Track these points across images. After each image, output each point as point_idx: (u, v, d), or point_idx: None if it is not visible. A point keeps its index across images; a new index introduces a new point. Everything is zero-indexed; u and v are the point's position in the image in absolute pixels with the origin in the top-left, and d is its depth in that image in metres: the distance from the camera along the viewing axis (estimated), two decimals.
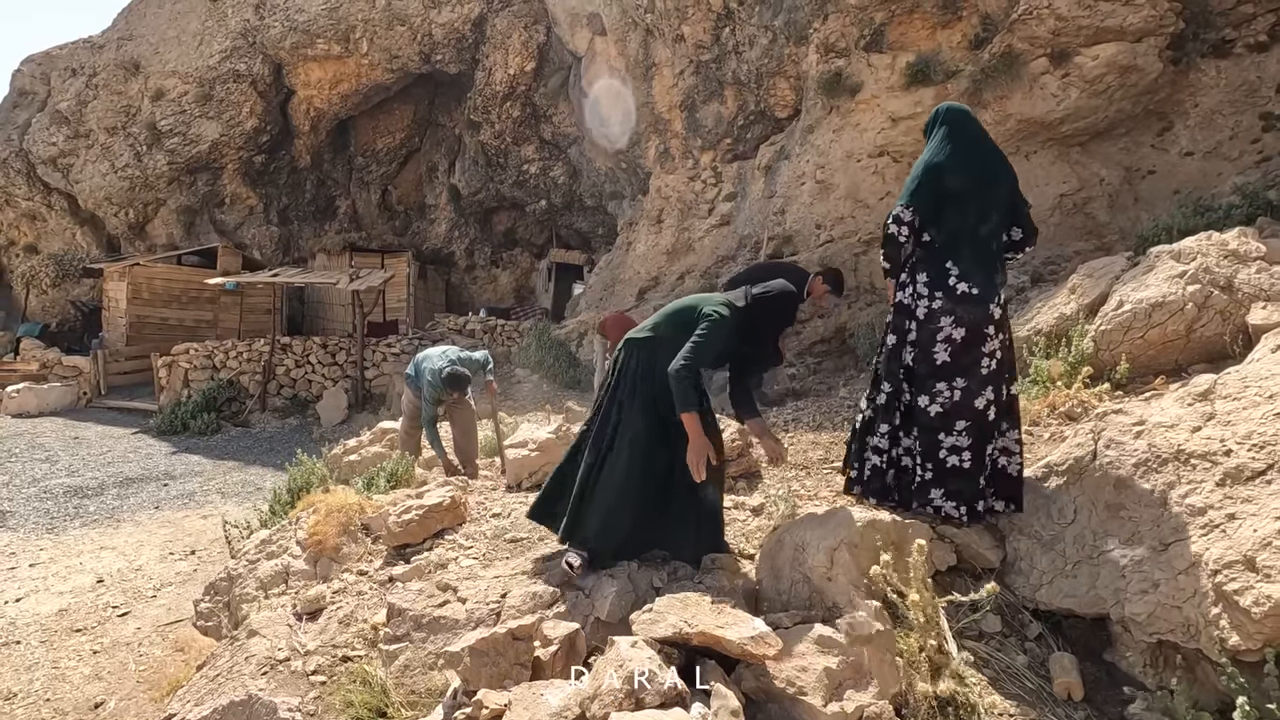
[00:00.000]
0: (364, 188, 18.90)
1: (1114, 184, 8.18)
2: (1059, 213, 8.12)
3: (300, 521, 3.78)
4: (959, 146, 2.71)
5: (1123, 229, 7.85)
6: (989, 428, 2.69)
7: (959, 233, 2.68)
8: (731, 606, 2.38)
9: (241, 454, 9.08)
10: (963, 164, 2.68)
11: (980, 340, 2.67)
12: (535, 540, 3.44)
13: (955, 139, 2.74)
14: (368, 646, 2.91)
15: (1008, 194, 2.74)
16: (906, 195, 2.76)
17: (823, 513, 2.76)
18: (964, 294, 2.66)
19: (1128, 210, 8.08)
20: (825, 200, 9.14)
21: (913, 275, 2.79)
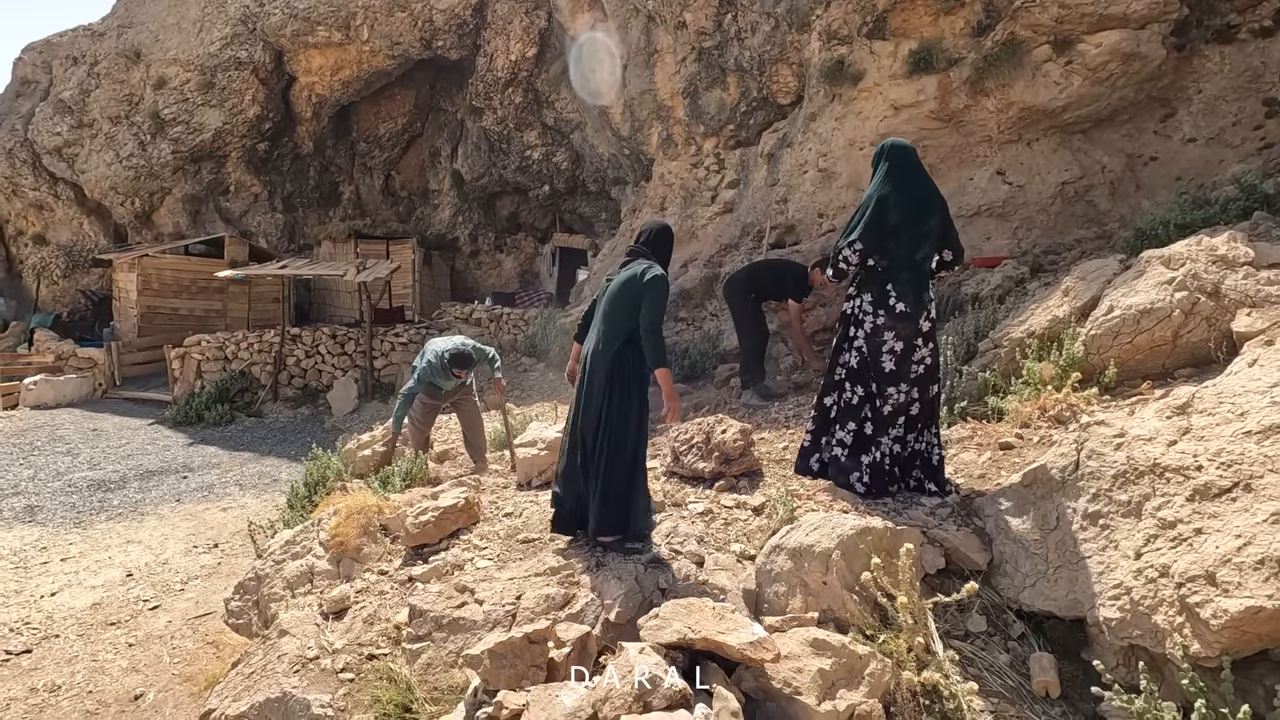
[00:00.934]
0: (367, 173, 18.92)
1: (1116, 171, 8.20)
2: (1060, 201, 8.16)
3: (322, 523, 3.97)
4: (900, 182, 3.21)
5: (1124, 216, 7.89)
6: (913, 421, 3.29)
7: (899, 259, 3.20)
8: (732, 612, 2.55)
9: (256, 445, 9.30)
10: (903, 199, 3.18)
11: (912, 350, 3.26)
12: (546, 540, 3.61)
13: (897, 175, 3.22)
14: (391, 645, 3.10)
15: (939, 223, 3.25)
16: (857, 231, 3.25)
17: (819, 519, 2.91)
18: (901, 312, 3.24)
19: (1129, 198, 8.12)
20: (827, 189, 9.18)
21: (859, 293, 3.34)
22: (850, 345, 3.36)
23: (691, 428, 4.20)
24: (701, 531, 3.56)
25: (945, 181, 8.65)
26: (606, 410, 3.26)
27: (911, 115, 8.49)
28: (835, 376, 3.45)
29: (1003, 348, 4.33)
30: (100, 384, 12.56)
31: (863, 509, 3.18)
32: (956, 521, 3.03)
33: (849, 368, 3.38)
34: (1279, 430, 2.22)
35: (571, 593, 3.04)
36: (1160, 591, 2.17)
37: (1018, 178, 8.37)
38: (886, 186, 3.22)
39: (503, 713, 2.29)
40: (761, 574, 2.92)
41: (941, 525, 2.98)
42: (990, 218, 8.47)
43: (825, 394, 3.52)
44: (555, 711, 2.20)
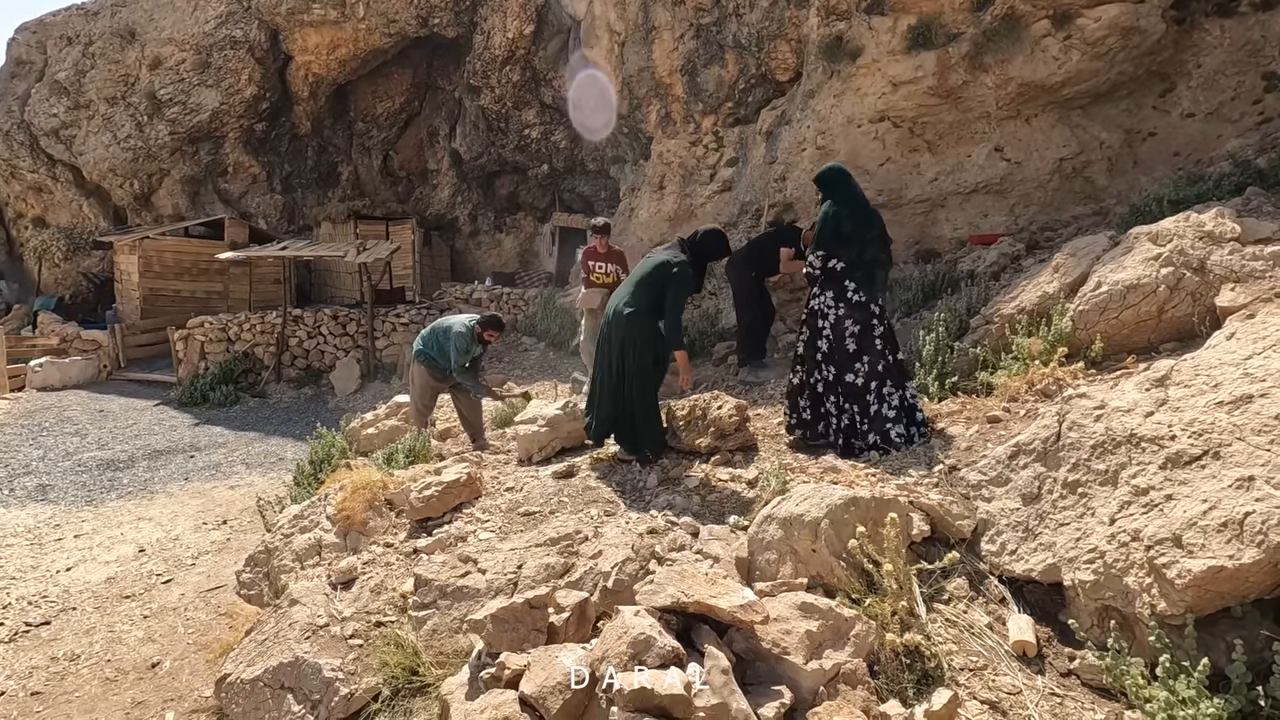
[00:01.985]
0: (365, 153, 18.85)
1: (1114, 147, 8.20)
2: (1058, 177, 8.17)
3: (329, 498, 4.08)
4: (847, 200, 4.02)
5: (1121, 193, 7.90)
6: (898, 377, 3.89)
7: (852, 261, 3.93)
8: (724, 578, 2.66)
9: (261, 425, 9.42)
10: (852, 212, 3.97)
11: (870, 330, 3.91)
12: (546, 514, 3.72)
13: (843, 194, 4.04)
14: (398, 613, 3.23)
15: (878, 232, 4.02)
16: (818, 242, 4.05)
17: (809, 490, 3.01)
18: (856, 302, 3.93)
19: (1127, 174, 8.12)
20: None
21: (823, 290, 4.02)
22: (820, 334, 4.02)
23: (687, 404, 4.29)
24: (697, 504, 3.67)
25: (943, 158, 8.66)
26: (625, 363, 4.08)
27: (910, 91, 8.47)
28: (816, 358, 4.08)
29: (994, 324, 4.41)
30: (105, 366, 12.67)
31: (854, 480, 3.28)
32: (943, 491, 3.13)
33: (822, 351, 4.01)
34: (1249, 400, 2.30)
35: (571, 562, 3.16)
36: (1131, 555, 2.27)
37: (1016, 154, 8.37)
38: (836, 205, 3.98)
39: (505, 673, 2.41)
40: (754, 542, 3.03)
41: (928, 494, 3.08)
42: (988, 195, 8.48)
43: (809, 374, 4.09)
44: (555, 671, 2.32)
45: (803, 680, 2.34)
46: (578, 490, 3.94)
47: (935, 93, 8.40)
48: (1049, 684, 2.37)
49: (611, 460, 4.27)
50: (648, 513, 3.60)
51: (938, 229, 8.70)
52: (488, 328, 5.32)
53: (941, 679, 2.37)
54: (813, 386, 4.05)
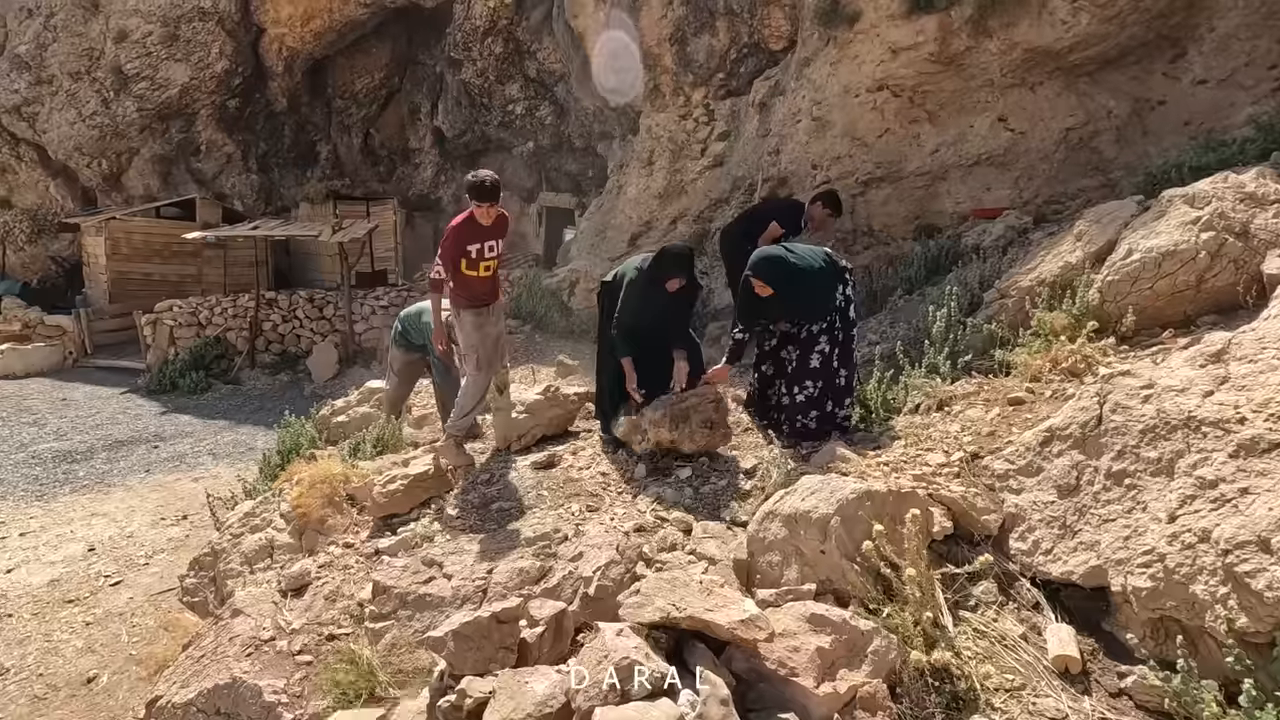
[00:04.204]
0: (345, 132, 18.22)
1: (1122, 116, 7.83)
2: (1064, 148, 7.81)
3: (283, 494, 3.70)
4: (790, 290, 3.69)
5: (1129, 164, 7.56)
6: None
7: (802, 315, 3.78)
8: (721, 585, 2.31)
9: (232, 413, 8.99)
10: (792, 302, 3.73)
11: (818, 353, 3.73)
12: (523, 509, 3.37)
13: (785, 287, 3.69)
14: (354, 623, 2.87)
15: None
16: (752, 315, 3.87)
17: (817, 482, 2.67)
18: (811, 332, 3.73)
19: (1135, 144, 7.76)
20: (822, 138, 8.78)
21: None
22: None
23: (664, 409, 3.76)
24: (690, 498, 3.32)
25: (945, 129, 8.28)
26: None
27: (910, 58, 8.05)
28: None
29: (1010, 298, 4.06)
30: (71, 353, 12.14)
31: (865, 470, 2.93)
32: (965, 481, 2.79)
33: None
34: None
35: (547, 565, 2.80)
36: (1200, 559, 1.94)
37: (1020, 124, 8.00)
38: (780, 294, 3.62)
39: (466, 702, 2.06)
40: (754, 542, 2.69)
41: (949, 486, 2.74)
42: (991, 167, 8.12)
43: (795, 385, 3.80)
44: (524, 701, 1.97)
45: (814, 707, 2.01)
46: (558, 483, 3.59)
47: (936, 59, 7.98)
48: (1099, 707, 2.05)
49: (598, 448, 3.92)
50: (635, 507, 3.25)
51: (939, 203, 8.34)
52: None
53: (975, 703, 2.04)
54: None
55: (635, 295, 3.82)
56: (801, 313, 3.67)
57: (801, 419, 3.67)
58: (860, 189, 8.48)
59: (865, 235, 8.47)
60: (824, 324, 3.64)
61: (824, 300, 3.60)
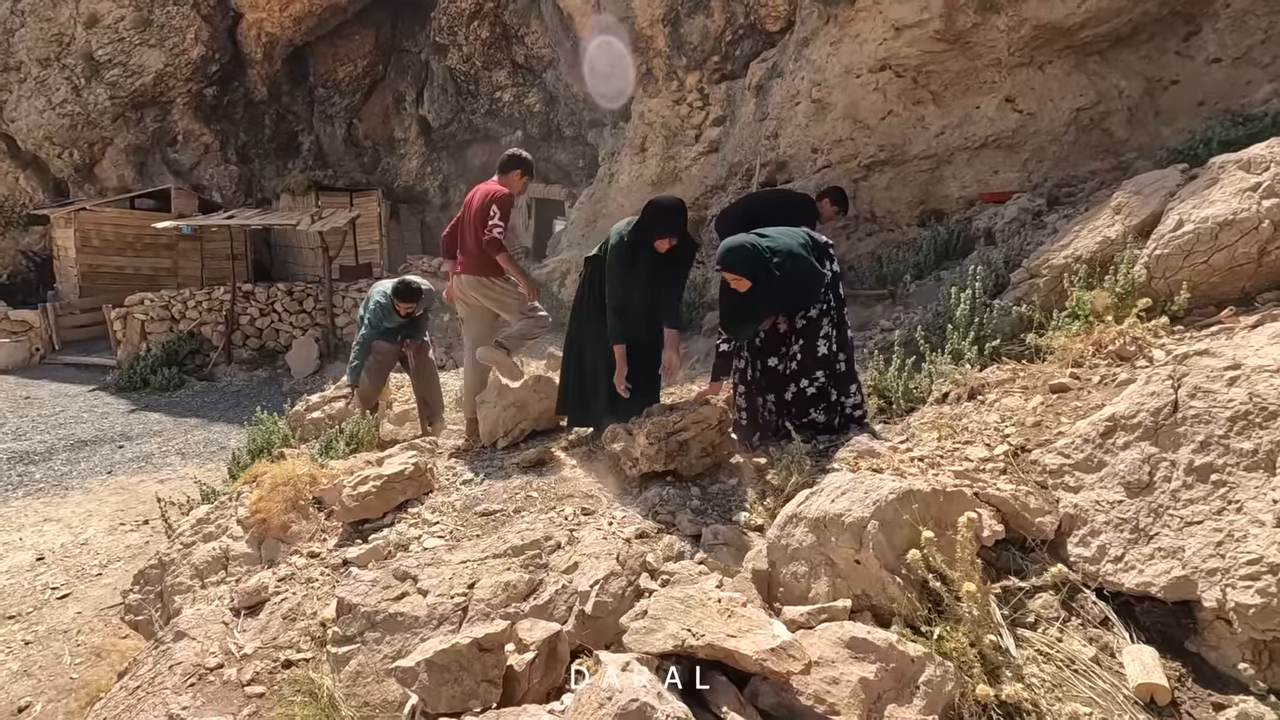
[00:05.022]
0: (328, 122, 17.72)
1: (1134, 96, 7.53)
2: (1074, 129, 7.51)
3: (242, 497, 3.32)
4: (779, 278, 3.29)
5: (1142, 146, 7.27)
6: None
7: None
8: (743, 604, 1.95)
9: (206, 410, 8.56)
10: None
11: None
12: (510, 513, 3.00)
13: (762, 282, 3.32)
14: (315, 647, 2.50)
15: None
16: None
17: (848, 480, 2.32)
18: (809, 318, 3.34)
19: (1147, 125, 7.47)
20: (822, 121, 8.45)
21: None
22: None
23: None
24: (697, 499, 2.97)
25: (950, 110, 7.96)
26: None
27: (914, 37, 7.72)
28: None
29: (1041, 277, 3.73)
30: (38, 349, 11.64)
31: (899, 465, 2.59)
32: (1013, 478, 2.45)
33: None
34: None
35: (538, 578, 2.44)
36: None
37: (1028, 105, 7.69)
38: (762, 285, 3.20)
39: None
40: (775, 550, 2.34)
41: (996, 483, 2.40)
42: (998, 149, 7.81)
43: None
44: None
45: None
46: (549, 483, 3.22)
47: (942, 37, 7.66)
48: None
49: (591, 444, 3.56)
50: (635, 510, 2.89)
51: (944, 187, 8.02)
52: (398, 299, 4.53)
53: None
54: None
55: (621, 263, 3.36)
56: (794, 300, 3.24)
57: (812, 411, 3.28)
58: (862, 173, 8.15)
59: (868, 221, 8.15)
60: (821, 306, 3.27)
61: (816, 280, 3.21)
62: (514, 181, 4.14)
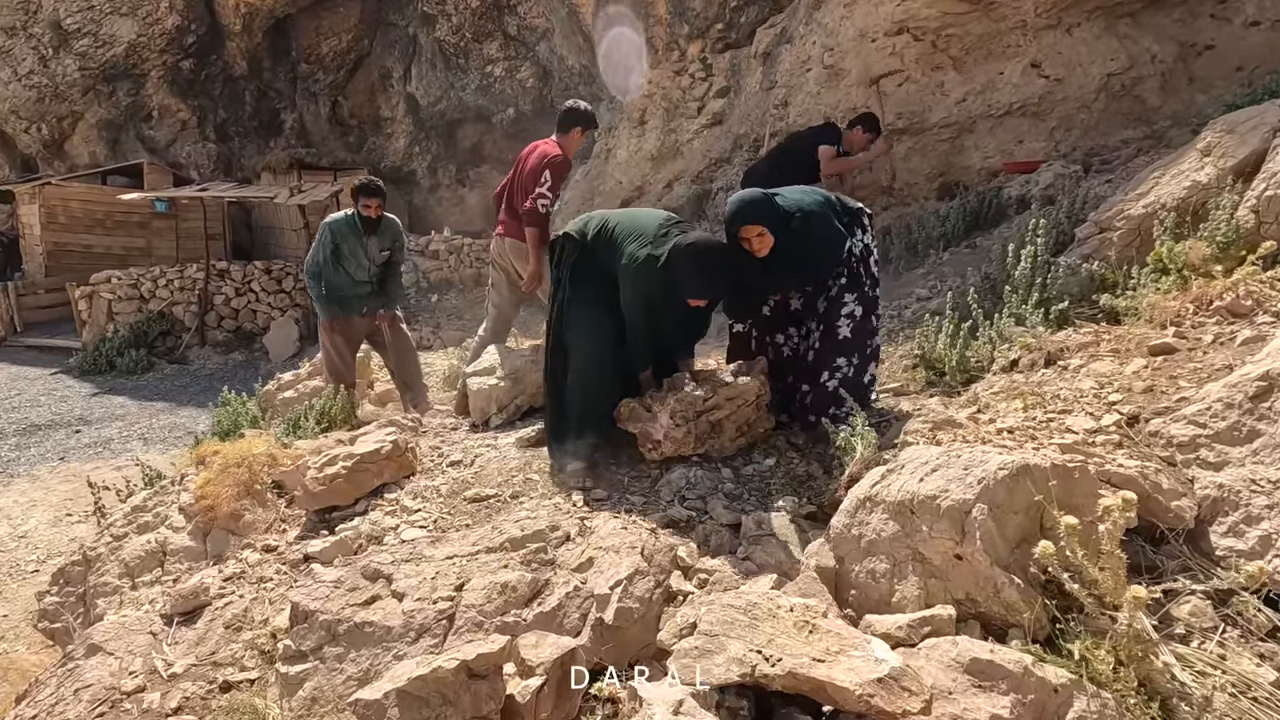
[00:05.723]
0: (311, 99, 17.02)
1: (1167, 62, 7.09)
2: (1105, 96, 7.07)
3: (186, 481, 2.80)
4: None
5: (1176, 114, 6.85)
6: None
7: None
8: (823, 615, 1.47)
9: (175, 394, 7.99)
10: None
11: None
12: (506, 499, 2.51)
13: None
14: (264, 664, 2.00)
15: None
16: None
17: (935, 455, 1.83)
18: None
19: (1181, 92, 7.04)
20: (835, 88, 7.97)
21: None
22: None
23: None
24: (730, 481, 2.48)
25: (972, 76, 7.50)
26: None
27: None
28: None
29: (1115, 231, 3.27)
30: None
31: (986, 436, 2.11)
32: (1133, 453, 1.98)
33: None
34: None
35: (542, 578, 1.95)
36: None
37: (1055, 70, 7.24)
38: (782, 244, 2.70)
39: None
40: (844, 543, 1.85)
41: (1116, 458, 1.93)
42: (1023, 117, 7.36)
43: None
44: None
45: None
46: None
47: None
48: None
49: None
50: (659, 495, 2.41)
51: (965, 157, 7.57)
52: (364, 195, 3.96)
53: None
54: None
55: (655, 294, 2.59)
56: (812, 267, 2.71)
57: (836, 410, 2.63)
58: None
59: (884, 194, 7.68)
60: (844, 277, 2.74)
61: (838, 243, 2.68)
62: (573, 141, 3.70)
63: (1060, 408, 2.28)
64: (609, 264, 2.68)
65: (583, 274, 2.76)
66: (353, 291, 4.07)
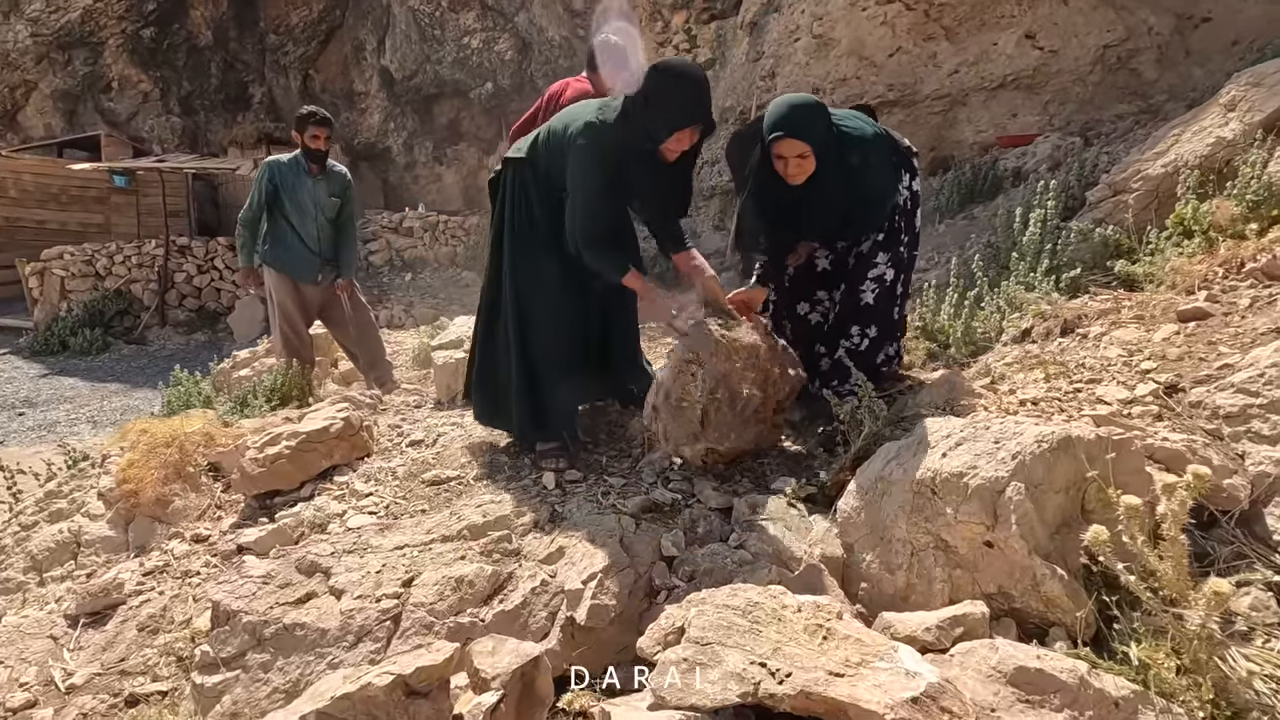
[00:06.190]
0: (281, 72, 16.38)
1: (1164, 34, 6.90)
2: (1100, 68, 6.87)
3: (107, 463, 2.49)
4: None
5: (1172, 87, 6.67)
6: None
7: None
8: (838, 616, 1.22)
9: (131, 375, 7.57)
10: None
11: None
12: (469, 481, 2.23)
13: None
14: (179, 672, 1.72)
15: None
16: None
17: (960, 426, 1.59)
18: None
19: (1177, 66, 6.86)
20: (824, 58, 7.69)
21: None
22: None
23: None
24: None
25: (965, 47, 7.26)
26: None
27: None
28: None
29: (1132, 192, 3.04)
30: None
31: (1008, 407, 1.87)
32: (1175, 425, 1.76)
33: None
34: None
35: (505, 571, 1.69)
36: None
37: (1050, 41, 7.02)
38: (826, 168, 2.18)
39: None
40: (852, 528, 1.61)
41: (1158, 431, 1.70)
42: (1017, 90, 7.15)
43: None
44: None
45: None
46: None
47: None
48: None
49: None
50: (641, 476, 2.15)
51: (957, 131, 7.35)
52: (312, 125, 3.58)
53: None
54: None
55: (613, 162, 2.06)
56: (859, 214, 2.25)
57: (839, 385, 2.32)
58: None
59: None
60: (881, 231, 2.30)
61: (887, 192, 2.25)
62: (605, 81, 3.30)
63: (1087, 377, 2.05)
64: (558, 175, 2.15)
65: (526, 199, 2.24)
66: (301, 254, 3.68)
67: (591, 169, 2.06)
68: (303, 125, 3.63)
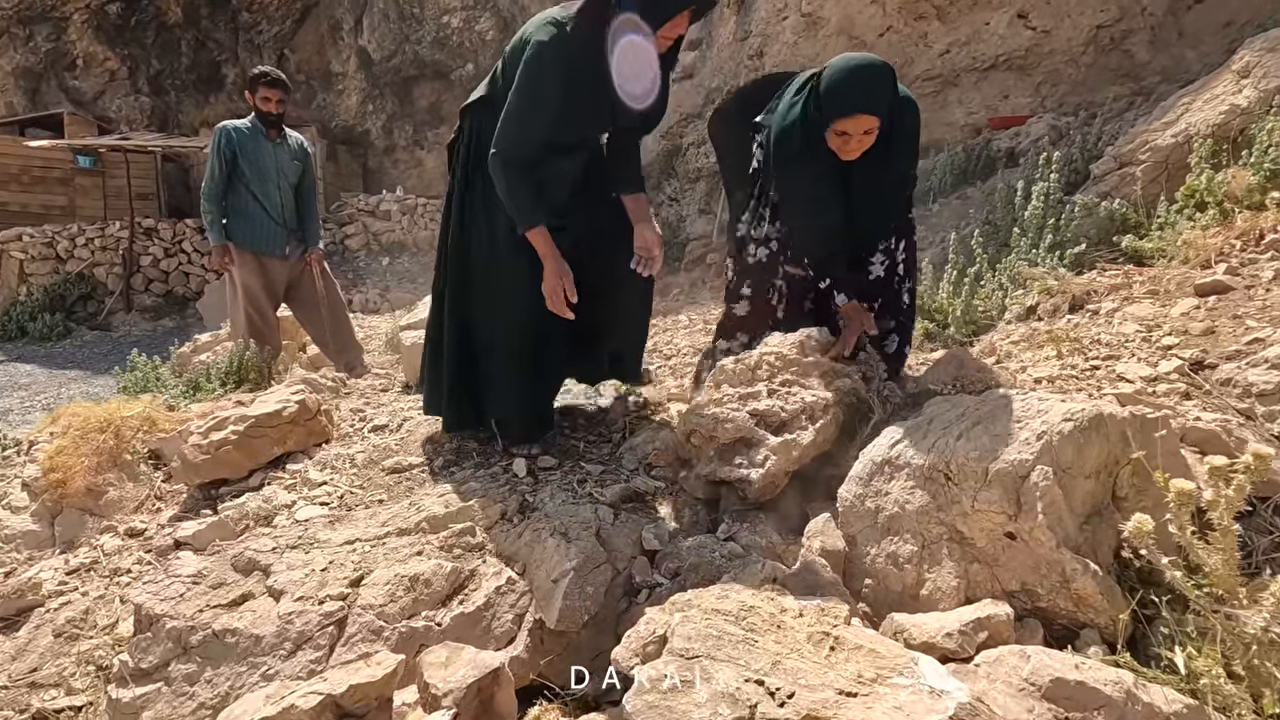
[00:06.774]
0: (255, 52, 15.89)
1: (1157, 15, 6.79)
2: (1093, 49, 6.75)
3: (34, 450, 2.27)
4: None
5: (1165, 69, 6.57)
6: None
7: None
8: (845, 619, 1.05)
9: (92, 363, 7.26)
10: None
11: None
12: (435, 469, 2.04)
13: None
14: (99, 683, 1.52)
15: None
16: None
17: (975, 404, 1.42)
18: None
19: (1170, 47, 6.76)
20: (813, 38, 7.51)
21: None
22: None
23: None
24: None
25: (956, 27, 7.11)
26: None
27: None
28: None
29: (1139, 164, 2.90)
30: None
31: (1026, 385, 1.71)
32: (1205, 404, 1.60)
33: None
34: None
35: (467, 568, 1.50)
36: None
37: (1043, 21, 6.89)
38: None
39: None
40: (856, 518, 1.44)
41: (1190, 409, 1.55)
42: (1009, 71, 7.02)
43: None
44: None
45: None
46: None
47: None
48: None
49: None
50: (621, 463, 1.97)
51: (948, 113, 7.21)
52: (264, 86, 3.33)
53: None
54: None
55: (554, 85, 1.72)
56: (902, 190, 1.95)
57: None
58: None
59: None
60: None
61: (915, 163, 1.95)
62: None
63: (1104, 354, 1.89)
64: None
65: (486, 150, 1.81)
66: (265, 225, 3.42)
67: (541, 73, 1.69)
68: (254, 86, 3.38)
